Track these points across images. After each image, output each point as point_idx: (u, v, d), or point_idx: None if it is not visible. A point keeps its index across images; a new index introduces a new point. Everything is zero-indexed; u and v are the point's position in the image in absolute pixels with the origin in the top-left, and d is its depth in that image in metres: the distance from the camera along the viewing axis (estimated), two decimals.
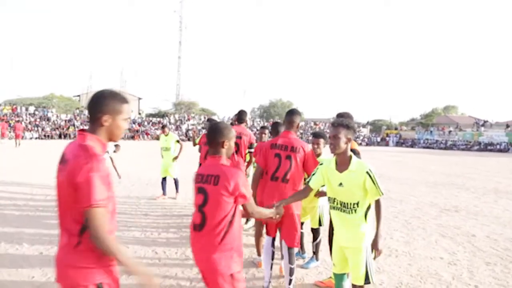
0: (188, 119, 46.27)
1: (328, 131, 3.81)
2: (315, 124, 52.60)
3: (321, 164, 3.00)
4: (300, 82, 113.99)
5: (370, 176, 2.66)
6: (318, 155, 4.33)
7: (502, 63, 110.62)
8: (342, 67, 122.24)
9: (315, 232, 4.51)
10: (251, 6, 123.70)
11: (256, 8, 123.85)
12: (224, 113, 54.96)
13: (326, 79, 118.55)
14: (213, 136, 2.44)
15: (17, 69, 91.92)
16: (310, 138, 40.37)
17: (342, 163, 2.77)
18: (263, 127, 6.12)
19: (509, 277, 4.33)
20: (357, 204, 2.71)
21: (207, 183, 2.34)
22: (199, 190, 2.40)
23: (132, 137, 37.67)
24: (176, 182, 8.37)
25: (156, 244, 5.08)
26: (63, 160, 1.76)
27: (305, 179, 3.64)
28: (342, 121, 2.78)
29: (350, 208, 2.72)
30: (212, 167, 2.40)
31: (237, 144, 5.48)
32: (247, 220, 6.14)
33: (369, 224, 2.77)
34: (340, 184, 2.76)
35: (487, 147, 41.19)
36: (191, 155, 11.12)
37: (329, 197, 2.88)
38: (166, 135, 8.60)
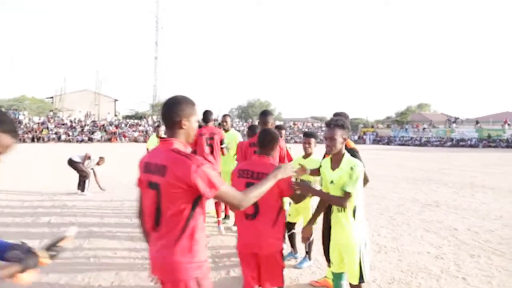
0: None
1: (305, 130, 3.91)
2: (294, 124, 53.03)
3: (320, 166, 3.03)
4: (278, 83, 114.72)
5: (351, 170, 2.68)
6: (309, 154, 4.36)
7: (471, 62, 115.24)
8: (318, 67, 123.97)
9: None
10: (228, 6, 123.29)
11: (233, 8, 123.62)
12: (200, 113, 54.42)
13: (303, 79, 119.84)
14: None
15: None
16: (292, 137, 40.57)
17: (336, 161, 2.81)
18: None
19: (493, 268, 4.49)
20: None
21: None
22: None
23: (109, 140, 36.82)
24: None
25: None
26: (155, 170, 1.86)
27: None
28: (337, 122, 2.78)
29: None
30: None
31: (211, 145, 5.64)
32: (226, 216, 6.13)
33: (362, 222, 2.80)
34: (332, 181, 2.81)
35: (459, 143, 42.76)
36: None
37: None
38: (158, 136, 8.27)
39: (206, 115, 5.82)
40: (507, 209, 7.97)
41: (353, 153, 3.13)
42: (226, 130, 6.10)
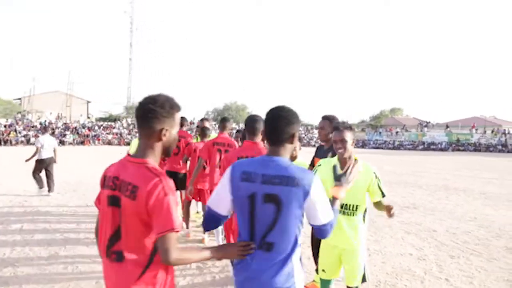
0: None
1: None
2: None
3: (319, 165, 2.96)
4: (254, 85, 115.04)
5: (377, 177, 2.75)
6: (295, 157, 4.33)
7: (441, 68, 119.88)
8: (293, 71, 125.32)
9: None
10: (204, 7, 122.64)
11: (206, 10, 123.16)
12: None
13: (277, 82, 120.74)
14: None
15: None
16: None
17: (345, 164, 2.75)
18: (238, 131, 6.11)
19: (472, 268, 4.62)
20: (358, 206, 2.74)
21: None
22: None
23: (82, 143, 35.68)
24: None
25: None
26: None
27: None
28: (345, 124, 2.78)
29: (352, 209, 2.72)
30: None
31: (178, 147, 5.89)
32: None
33: (366, 225, 2.81)
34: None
35: (430, 146, 44.27)
36: None
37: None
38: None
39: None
40: (479, 211, 8.26)
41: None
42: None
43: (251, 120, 3.48)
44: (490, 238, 5.98)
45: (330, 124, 3.56)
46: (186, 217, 5.75)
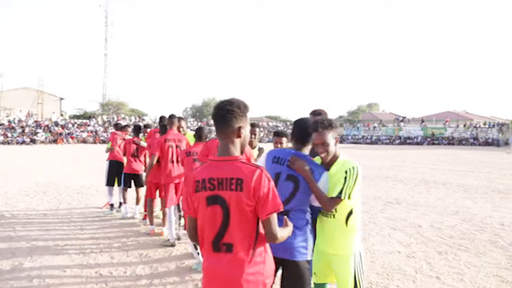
0: (118, 120, 43.52)
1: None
2: (252, 125, 53.00)
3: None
4: (233, 81, 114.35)
5: (346, 174, 2.40)
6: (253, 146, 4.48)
7: (414, 63, 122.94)
8: (271, 67, 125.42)
9: None
10: (182, 4, 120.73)
11: (186, 5, 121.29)
12: (155, 114, 52.57)
13: (256, 78, 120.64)
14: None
15: None
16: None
17: (328, 164, 2.52)
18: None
19: (461, 264, 4.53)
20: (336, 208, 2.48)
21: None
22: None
23: (55, 141, 34.33)
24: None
25: (99, 264, 4.41)
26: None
27: None
28: (324, 123, 2.44)
29: (332, 211, 2.48)
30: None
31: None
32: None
33: (357, 231, 2.56)
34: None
35: (406, 141, 45.28)
36: None
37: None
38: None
39: (161, 120, 6.34)
40: (460, 203, 8.31)
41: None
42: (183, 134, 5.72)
43: (200, 129, 4.93)
44: (474, 232, 5.96)
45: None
46: (150, 214, 5.76)
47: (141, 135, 7.15)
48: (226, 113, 1.81)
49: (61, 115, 48.02)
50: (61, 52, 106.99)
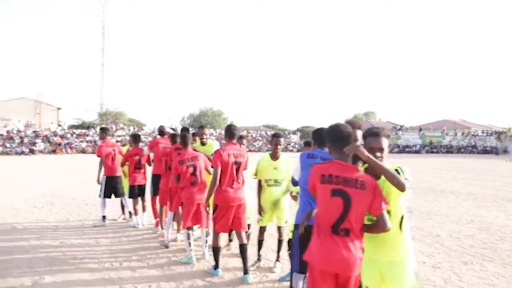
0: (117, 130, 43.35)
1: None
2: (248, 132, 52.99)
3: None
4: (230, 91, 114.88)
5: (397, 170, 2.41)
6: (278, 156, 4.64)
7: (411, 71, 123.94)
8: (268, 76, 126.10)
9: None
10: (175, 12, 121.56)
11: (183, 13, 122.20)
12: (153, 123, 52.50)
13: (254, 87, 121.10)
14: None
15: None
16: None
17: (376, 173, 2.48)
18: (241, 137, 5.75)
19: (490, 275, 4.46)
20: (389, 212, 2.42)
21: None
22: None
23: (54, 151, 34.08)
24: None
25: (122, 279, 4.31)
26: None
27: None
28: (385, 131, 2.56)
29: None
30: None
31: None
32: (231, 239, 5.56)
33: (408, 236, 2.50)
34: None
35: (405, 149, 45.39)
36: None
37: None
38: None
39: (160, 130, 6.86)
40: (473, 212, 8.28)
41: None
42: (204, 144, 5.64)
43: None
44: (495, 242, 5.91)
45: (354, 131, 3.28)
46: (162, 220, 6.00)
47: (141, 144, 7.18)
48: (350, 136, 2.46)
49: (59, 125, 47.82)
50: (58, 62, 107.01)
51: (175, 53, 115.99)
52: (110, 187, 6.80)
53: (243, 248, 4.19)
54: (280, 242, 4.65)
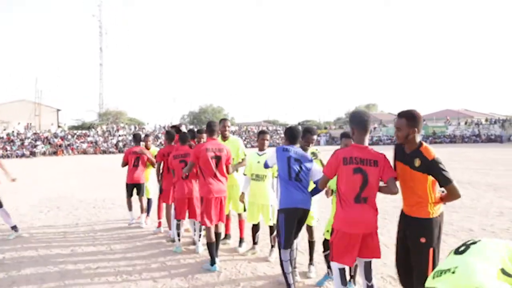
0: (118, 130, 42.93)
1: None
2: (248, 128, 52.55)
3: None
4: (229, 87, 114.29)
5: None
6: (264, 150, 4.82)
7: (411, 62, 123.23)
8: (268, 70, 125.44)
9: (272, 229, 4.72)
10: (173, 10, 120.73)
11: (181, 12, 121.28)
12: (154, 122, 52.05)
13: (254, 83, 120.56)
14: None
15: None
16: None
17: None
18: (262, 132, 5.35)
19: None
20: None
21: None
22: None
23: (55, 153, 33.71)
24: (149, 203, 7.06)
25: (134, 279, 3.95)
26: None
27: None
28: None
29: None
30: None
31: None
32: (241, 242, 5.24)
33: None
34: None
35: None
36: None
37: None
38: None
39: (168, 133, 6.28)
40: (499, 204, 7.92)
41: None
42: (226, 138, 5.22)
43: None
44: None
45: (408, 123, 2.92)
46: (169, 220, 5.78)
47: (142, 144, 7.02)
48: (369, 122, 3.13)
49: (59, 126, 47.41)
50: (56, 63, 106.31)
51: (173, 51, 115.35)
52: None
53: (217, 236, 4.53)
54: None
